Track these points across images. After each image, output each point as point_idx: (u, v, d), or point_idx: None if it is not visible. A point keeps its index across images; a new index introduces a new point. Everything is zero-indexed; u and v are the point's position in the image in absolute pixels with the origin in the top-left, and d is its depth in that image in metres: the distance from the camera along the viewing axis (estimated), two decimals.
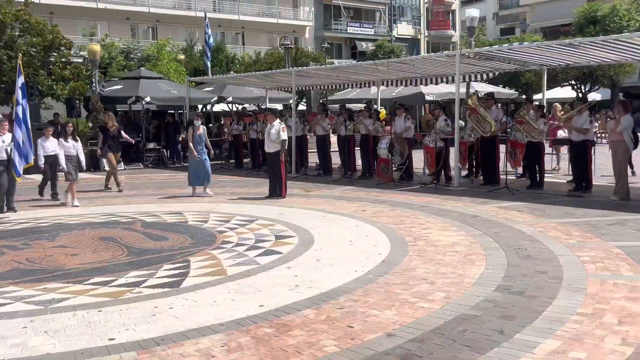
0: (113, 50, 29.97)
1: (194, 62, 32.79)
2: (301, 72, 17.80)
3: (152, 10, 41.37)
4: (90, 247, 7.81)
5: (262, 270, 6.55)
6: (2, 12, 19.92)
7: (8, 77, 19.76)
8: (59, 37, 21.03)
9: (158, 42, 32.88)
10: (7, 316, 5.16)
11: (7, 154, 10.72)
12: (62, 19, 33.02)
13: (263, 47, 40.83)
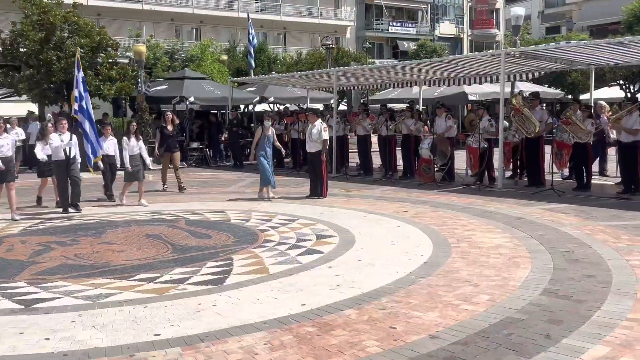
0: (158, 51, 30.50)
1: (237, 63, 33.14)
2: (342, 72, 17.80)
3: (196, 12, 41.96)
4: (135, 244, 7.97)
5: (303, 269, 6.57)
6: (52, 14, 20.50)
7: (57, 77, 20.35)
8: (106, 38, 21.52)
9: (202, 43, 33.33)
10: (56, 310, 5.31)
11: (66, 154, 10.63)
12: (109, 20, 33.74)
13: (304, 48, 40.97)
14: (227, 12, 43.35)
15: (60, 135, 10.71)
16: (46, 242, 8.17)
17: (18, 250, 7.73)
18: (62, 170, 10.71)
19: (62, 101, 21.22)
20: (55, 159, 10.74)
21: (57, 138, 10.66)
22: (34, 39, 20.26)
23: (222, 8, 43.24)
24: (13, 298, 5.67)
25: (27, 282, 6.24)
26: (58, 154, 10.66)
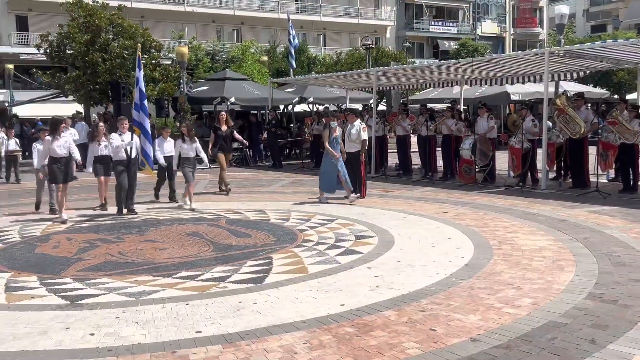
0: (200, 52, 30.93)
1: (277, 64, 33.34)
2: (382, 72, 17.72)
3: (237, 13, 42.43)
4: (177, 242, 8.09)
5: (342, 269, 6.57)
6: (97, 16, 21.01)
7: (102, 78, 20.83)
8: (150, 40, 21.93)
9: (242, 44, 33.66)
10: (101, 306, 5.43)
11: (127, 154, 10.45)
12: (152, 22, 34.36)
13: (344, 48, 40.94)
14: (268, 13, 43.68)
15: (121, 134, 10.51)
16: (91, 240, 8.37)
17: (64, 247, 7.94)
18: (122, 171, 10.47)
19: (107, 102, 21.73)
20: (116, 159, 10.55)
21: (117, 138, 10.47)
22: (80, 41, 20.79)
23: (262, 9, 43.60)
24: (59, 294, 5.83)
25: (73, 278, 6.40)
26: (118, 153, 10.46)
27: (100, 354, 4.35)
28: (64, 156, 9.98)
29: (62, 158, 9.94)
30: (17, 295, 5.81)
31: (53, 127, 10.01)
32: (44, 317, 5.13)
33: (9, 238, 8.67)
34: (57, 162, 9.88)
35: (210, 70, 29.49)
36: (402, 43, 40.19)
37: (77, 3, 21.63)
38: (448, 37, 51.01)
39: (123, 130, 10.58)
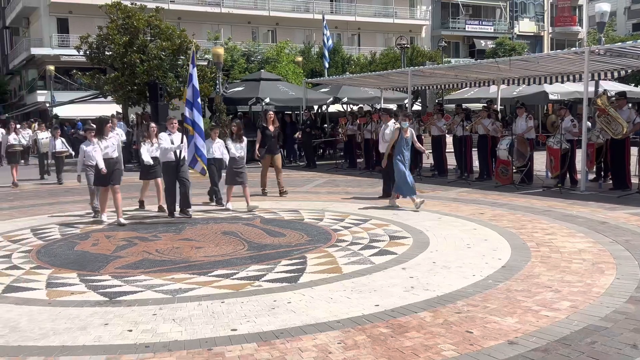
0: (235, 53, 31.19)
1: (311, 64, 33.41)
2: (417, 72, 17.60)
3: (272, 14, 42.68)
4: (213, 241, 8.17)
5: (376, 269, 6.54)
6: (136, 18, 21.37)
7: (140, 79, 21.17)
8: (187, 41, 22.21)
9: (277, 45, 33.83)
10: (138, 303, 5.51)
11: (176, 155, 9.97)
12: (189, 23, 34.80)
13: (379, 48, 40.82)
14: (302, 13, 43.84)
15: (170, 135, 10.05)
16: (129, 238, 8.52)
17: (103, 245, 8.09)
18: (171, 173, 10.02)
19: (144, 102, 22.09)
20: (164, 161, 10.10)
21: (167, 138, 10.00)
22: (118, 43, 21.18)
23: (297, 10, 43.78)
24: (98, 290, 5.94)
25: (112, 275, 6.52)
26: (167, 155, 9.99)
27: (138, 350, 4.42)
28: (112, 157, 9.72)
29: (110, 159, 9.65)
30: (58, 292, 5.95)
31: (99, 128, 9.84)
32: (84, 313, 5.23)
33: (50, 236, 8.88)
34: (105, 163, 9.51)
35: (246, 71, 29.74)
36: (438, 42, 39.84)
37: (116, 5, 22.05)
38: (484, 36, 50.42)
39: (172, 130, 10.13)
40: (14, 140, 16.88)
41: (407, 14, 48.53)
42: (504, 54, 38.01)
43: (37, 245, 8.16)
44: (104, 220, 9.81)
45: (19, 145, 17.11)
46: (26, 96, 43.06)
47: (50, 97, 30.62)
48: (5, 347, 4.53)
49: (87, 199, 11.11)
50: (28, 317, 5.16)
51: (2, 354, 4.39)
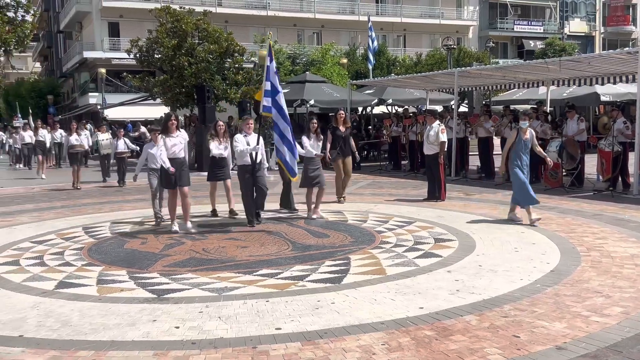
0: (281, 56, 31.43)
1: (356, 66, 33.39)
2: (464, 73, 17.39)
3: (318, 16, 42.84)
4: (258, 241, 8.26)
5: (421, 272, 6.49)
6: (184, 21, 21.77)
7: (188, 82, 21.56)
8: (233, 44, 22.52)
9: (322, 47, 33.94)
10: (185, 301, 5.62)
11: (252, 159, 9.20)
12: (235, 26, 35.29)
13: (424, 49, 40.51)
14: (348, 15, 43.86)
15: (246, 136, 9.29)
16: (177, 237, 8.68)
17: (151, 244, 8.27)
18: (247, 178, 9.22)
19: (192, 104, 22.49)
20: (240, 164, 9.29)
21: (242, 140, 9.21)
22: (167, 46, 21.61)
23: (343, 12, 43.83)
24: (147, 287, 6.08)
25: (160, 273, 6.66)
26: (243, 158, 9.21)
27: (185, 346, 4.50)
28: (179, 157, 8.98)
29: (176, 159, 8.90)
30: (108, 288, 6.11)
31: (165, 125, 9.10)
32: (133, 310, 5.36)
33: (101, 234, 9.13)
34: (172, 164, 8.78)
35: (291, 73, 29.93)
36: (485, 43, 39.26)
37: (166, 9, 22.52)
38: (533, 37, 49.45)
39: (248, 131, 9.40)
40: (76, 141, 16.21)
41: (454, 14, 47.99)
42: (554, 54, 37.16)
43: (89, 243, 8.40)
44: (177, 230, 8.92)
45: (80, 146, 16.33)
46: (78, 98, 44.41)
47: (102, 99, 31.51)
48: (57, 340, 4.68)
49: (139, 198, 11.33)
50: (79, 313, 5.32)
51: (54, 348, 4.54)
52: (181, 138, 9.15)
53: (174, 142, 8.96)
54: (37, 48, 63.10)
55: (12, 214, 11.43)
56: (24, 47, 23.02)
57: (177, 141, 9.02)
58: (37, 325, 5.02)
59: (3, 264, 7.28)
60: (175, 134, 9.05)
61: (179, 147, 9.04)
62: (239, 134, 9.40)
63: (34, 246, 8.27)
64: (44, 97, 44.82)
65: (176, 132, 9.09)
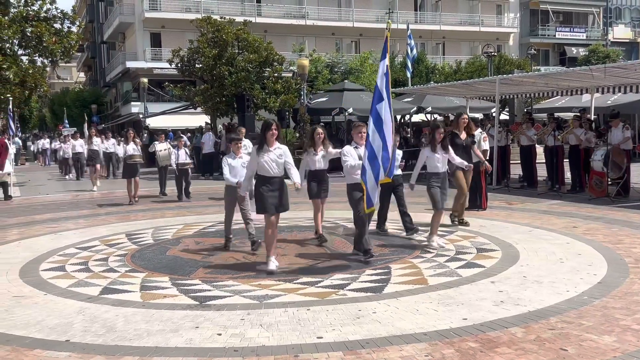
0: (319, 65, 31.56)
1: (394, 74, 33.23)
2: (506, 80, 17.14)
3: (356, 25, 42.94)
4: (297, 249, 8.26)
5: (464, 282, 6.38)
6: (225, 31, 22.07)
7: (229, 91, 21.82)
8: (273, 53, 22.71)
9: (361, 55, 33.95)
10: (227, 308, 5.64)
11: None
12: (275, 36, 35.61)
13: (464, 56, 40.15)
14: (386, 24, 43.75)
15: (357, 148, 7.52)
16: (218, 244, 8.75)
17: (193, 251, 8.36)
18: (357, 196, 7.24)
19: (232, 113, 22.73)
20: (350, 183, 7.49)
21: (353, 153, 7.51)
22: (208, 56, 21.94)
23: (381, 20, 43.78)
24: (189, 294, 6.13)
25: (201, 279, 6.72)
26: (353, 175, 7.38)
27: (227, 353, 4.51)
28: (276, 175, 6.94)
29: (275, 178, 6.93)
30: (151, 294, 6.19)
31: (263, 134, 7.00)
32: (176, 316, 5.42)
33: (144, 240, 9.27)
34: (267, 182, 6.91)
35: (329, 82, 30.00)
36: (527, 50, 38.70)
37: (207, 19, 22.87)
38: (576, 44, 48.55)
39: (360, 141, 7.54)
40: (134, 151, 14.26)
41: (494, 21, 47.47)
42: (597, 61, 36.42)
43: (132, 250, 8.54)
44: (273, 269, 6.88)
45: (140, 156, 14.49)
46: (121, 107, 45.38)
47: (144, 108, 32.07)
48: (103, 346, 4.76)
49: (180, 206, 11.41)
50: (124, 318, 5.40)
51: (100, 353, 4.61)
52: (280, 150, 7.10)
53: (272, 157, 6.94)
54: (81, 58, 64.81)
55: (58, 220, 11.72)
56: (69, 57, 23.59)
57: (276, 156, 6.97)
58: (83, 330, 5.11)
59: (50, 269, 7.45)
60: (275, 147, 6.97)
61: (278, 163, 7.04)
62: (348, 146, 7.66)
63: (79, 252, 8.44)
64: (87, 106, 45.94)
65: (274, 145, 6.96)
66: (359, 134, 7.67)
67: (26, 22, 19.87)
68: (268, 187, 6.91)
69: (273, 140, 6.97)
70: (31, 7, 20.37)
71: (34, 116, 68.56)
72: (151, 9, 39.41)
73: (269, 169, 6.93)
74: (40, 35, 19.63)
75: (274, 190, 6.93)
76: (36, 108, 64.32)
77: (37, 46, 20.04)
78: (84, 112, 44.61)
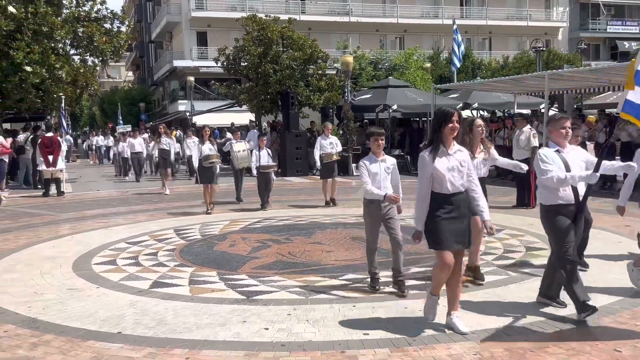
0: (363, 61, 31.45)
1: (440, 70, 32.94)
2: (555, 75, 16.73)
3: (400, 21, 42.60)
4: (343, 245, 8.27)
5: (512, 281, 6.29)
6: (270, 30, 22.22)
7: (273, 89, 21.96)
8: (317, 50, 22.74)
9: (405, 52, 33.68)
10: (274, 303, 5.69)
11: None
12: (319, 33, 35.65)
13: (511, 52, 39.40)
14: (432, 19, 43.36)
15: (560, 152, 5.18)
16: (263, 240, 8.84)
17: (239, 246, 8.46)
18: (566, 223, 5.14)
19: (277, 111, 22.88)
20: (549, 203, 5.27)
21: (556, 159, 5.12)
22: (253, 54, 22.13)
23: (425, 16, 43.38)
24: (237, 289, 6.21)
25: (248, 275, 6.79)
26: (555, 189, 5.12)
27: (275, 348, 4.56)
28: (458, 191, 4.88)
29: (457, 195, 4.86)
30: (200, 288, 6.29)
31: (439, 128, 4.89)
32: (224, 310, 5.49)
33: (191, 236, 9.43)
34: (446, 202, 4.83)
35: (373, 79, 29.87)
36: (577, 45, 37.74)
37: (252, 18, 23.07)
38: (628, 37, 47.06)
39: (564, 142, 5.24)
40: (211, 151, 11.91)
41: (543, 16, 46.42)
42: None
43: (180, 245, 8.70)
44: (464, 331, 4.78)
45: (217, 157, 12.09)
46: (168, 105, 46.23)
47: (190, 106, 32.58)
48: (153, 338, 4.86)
49: (226, 201, 11.49)
50: (173, 312, 5.51)
51: (151, 345, 4.71)
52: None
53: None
54: (130, 57, 66.28)
55: (108, 215, 12.02)
56: (119, 56, 24.12)
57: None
58: (134, 323, 5.23)
59: (101, 263, 7.66)
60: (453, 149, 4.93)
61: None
62: (546, 148, 5.30)
63: (129, 247, 8.64)
64: (136, 104, 46.96)
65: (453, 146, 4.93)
66: (563, 132, 5.17)
67: (78, 23, 20.41)
68: (446, 208, 4.80)
69: (451, 139, 4.88)
70: (82, 7, 20.92)
71: (84, 114, 70.52)
72: (197, 8, 39.98)
73: (449, 182, 4.80)
74: (91, 35, 20.14)
75: (457, 214, 4.82)
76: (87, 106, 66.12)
77: (88, 46, 20.57)
78: (132, 111, 45.67)
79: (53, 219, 11.74)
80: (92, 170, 27.62)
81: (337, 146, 12.89)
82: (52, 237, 9.57)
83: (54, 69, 18.84)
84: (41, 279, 6.89)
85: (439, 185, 4.83)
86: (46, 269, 7.35)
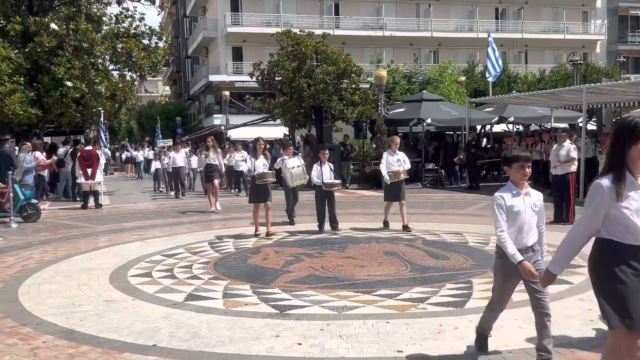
0: (397, 75, 31.44)
1: (475, 83, 32.69)
2: (594, 89, 16.47)
3: (435, 35, 42.48)
4: (376, 260, 8.22)
5: (550, 299, 6.12)
6: (304, 44, 22.42)
7: (307, 103, 22.10)
8: (351, 65, 22.83)
9: (440, 65, 33.57)
10: (306, 317, 5.68)
11: None
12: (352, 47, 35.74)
13: (547, 65, 38.91)
14: (466, 33, 43.16)
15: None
16: (296, 254, 8.85)
17: (272, 260, 8.49)
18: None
19: (310, 125, 22.99)
20: None
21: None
22: (288, 69, 22.33)
23: (460, 29, 43.19)
24: (270, 303, 6.22)
25: (281, 289, 6.80)
26: None
27: None
28: None
29: None
30: (233, 302, 6.32)
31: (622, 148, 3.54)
32: (257, 324, 5.51)
33: (225, 249, 9.50)
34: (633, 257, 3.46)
35: (407, 92, 29.82)
36: (615, 58, 37.05)
37: (286, 33, 23.31)
38: None
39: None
40: (264, 167, 10.86)
41: (580, 28, 45.78)
42: None
43: (214, 258, 8.76)
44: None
45: (272, 175, 10.86)
46: (204, 120, 46.88)
47: (225, 121, 32.96)
48: (188, 351, 4.89)
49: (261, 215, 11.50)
50: (207, 325, 5.54)
51: (185, 358, 4.75)
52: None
53: None
54: (167, 73, 67.55)
55: (144, 228, 12.20)
56: (156, 71, 24.59)
57: None
58: (169, 336, 5.28)
59: (137, 275, 7.76)
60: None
61: None
62: None
63: (165, 259, 8.75)
64: (172, 118, 47.74)
65: None
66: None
67: (117, 39, 20.92)
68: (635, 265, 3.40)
69: None
70: (122, 24, 21.44)
71: (122, 128, 71.90)
72: (233, 24, 40.57)
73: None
74: (130, 50, 20.61)
75: None
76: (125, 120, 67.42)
77: (126, 61, 21.05)
78: (169, 125, 46.42)
79: (91, 231, 11.97)
80: (129, 184, 28.07)
81: (406, 163, 11.20)
82: (90, 249, 9.75)
83: (94, 83, 19.32)
84: (79, 291, 7.01)
85: (624, 231, 3.37)
86: (84, 281, 7.48)
